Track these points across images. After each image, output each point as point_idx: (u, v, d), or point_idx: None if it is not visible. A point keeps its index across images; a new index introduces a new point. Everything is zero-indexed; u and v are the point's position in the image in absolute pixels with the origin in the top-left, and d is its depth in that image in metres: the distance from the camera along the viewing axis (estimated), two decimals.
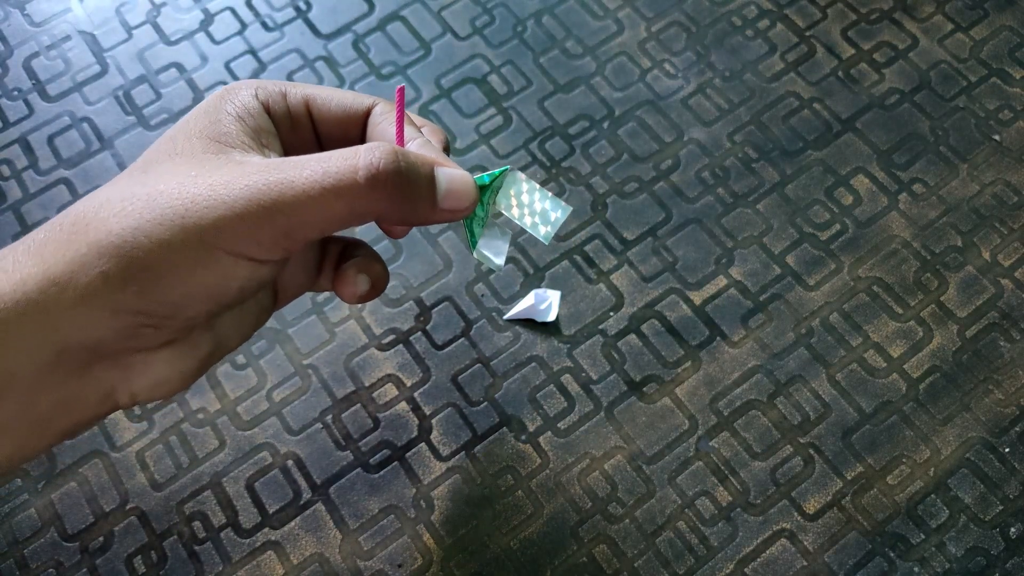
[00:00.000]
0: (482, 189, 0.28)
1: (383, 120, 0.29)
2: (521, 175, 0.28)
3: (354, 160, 0.24)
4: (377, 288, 0.31)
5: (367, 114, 0.30)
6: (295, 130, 0.29)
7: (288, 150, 0.29)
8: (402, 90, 0.28)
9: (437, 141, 0.30)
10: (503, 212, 0.29)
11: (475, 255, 0.29)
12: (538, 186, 0.27)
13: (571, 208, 0.29)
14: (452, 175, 0.26)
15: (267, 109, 0.27)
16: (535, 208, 0.27)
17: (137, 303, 0.22)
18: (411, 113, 0.31)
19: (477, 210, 0.28)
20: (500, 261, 0.29)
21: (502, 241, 0.29)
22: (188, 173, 0.23)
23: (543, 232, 0.28)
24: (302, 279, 0.31)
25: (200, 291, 0.23)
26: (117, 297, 0.22)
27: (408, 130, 0.29)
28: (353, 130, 0.30)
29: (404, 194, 0.24)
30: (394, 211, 0.25)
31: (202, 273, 0.23)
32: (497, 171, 0.28)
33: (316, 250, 0.32)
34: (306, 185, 0.23)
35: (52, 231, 0.23)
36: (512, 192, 0.28)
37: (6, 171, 0.52)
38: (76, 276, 0.22)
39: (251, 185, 0.23)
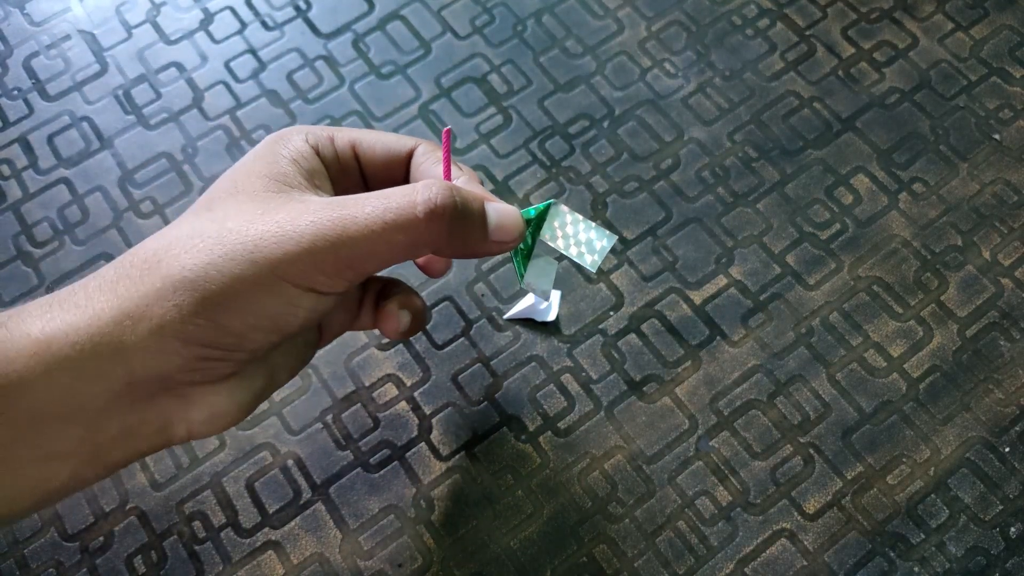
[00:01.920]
0: (528, 222, 0.29)
1: (425, 160, 0.31)
2: (565, 208, 0.29)
3: (413, 196, 0.25)
4: (418, 322, 0.33)
5: (410, 155, 0.32)
6: (343, 172, 0.31)
7: (337, 191, 0.30)
8: (448, 132, 0.31)
9: (475, 181, 0.32)
10: (549, 243, 0.30)
11: (523, 286, 0.31)
12: (582, 217, 0.28)
13: (616, 237, 0.29)
14: (501, 209, 0.28)
15: (317, 153, 0.29)
16: (580, 239, 0.28)
17: (207, 335, 0.23)
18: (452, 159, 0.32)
19: (524, 245, 0.30)
20: (548, 289, 0.30)
21: (549, 271, 0.30)
22: (254, 211, 0.25)
23: (589, 261, 0.28)
24: (343, 317, 0.33)
25: (266, 323, 0.24)
26: (189, 329, 0.23)
27: (453, 170, 0.31)
28: (398, 171, 0.32)
29: (459, 227, 0.26)
30: (449, 244, 0.26)
31: (271, 305, 0.24)
32: (542, 204, 0.29)
33: (357, 289, 0.33)
34: (368, 220, 0.24)
35: (123, 268, 0.25)
36: (557, 224, 0.29)
37: (6, 170, 0.52)
38: (150, 309, 0.24)
39: (316, 221, 0.24)
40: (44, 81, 0.55)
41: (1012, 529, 0.42)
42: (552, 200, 0.29)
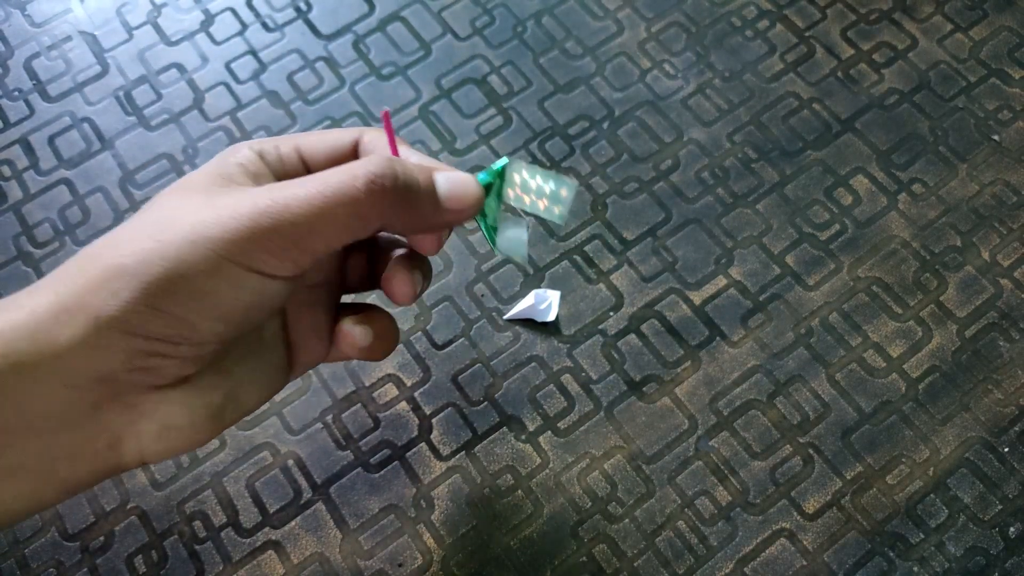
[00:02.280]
0: (488, 188, 0.28)
1: (374, 147, 0.31)
2: (521, 163, 0.28)
3: (353, 170, 0.25)
4: (384, 341, 0.31)
5: (355, 146, 0.31)
6: (290, 176, 0.30)
7: None
8: (387, 114, 0.30)
9: (428, 159, 0.31)
10: (512, 204, 0.29)
11: (498, 252, 0.29)
12: (539, 168, 0.27)
13: (576, 183, 0.28)
14: (453, 177, 0.27)
15: (261, 158, 0.29)
16: (544, 191, 0.27)
17: (148, 323, 0.23)
18: (401, 138, 0.32)
19: (489, 211, 0.29)
20: (524, 252, 0.29)
21: (520, 231, 0.29)
22: (198, 202, 0.24)
23: (557, 212, 0.28)
24: (315, 343, 0.31)
25: (211, 308, 0.24)
26: (128, 317, 0.22)
27: (402, 149, 0.30)
28: (344, 163, 0.31)
29: (404, 198, 0.25)
30: (398, 216, 0.26)
31: (213, 286, 0.23)
32: (497, 165, 0.28)
33: (329, 315, 0.32)
34: (309, 195, 0.24)
35: (66, 266, 0.24)
36: (517, 181, 0.28)
37: (7, 171, 0.52)
38: (87, 299, 0.23)
39: (258, 202, 0.24)
40: (45, 82, 0.55)
41: (1011, 529, 0.42)
42: (506, 158, 0.28)
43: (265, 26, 0.57)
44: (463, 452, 0.44)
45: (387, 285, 0.30)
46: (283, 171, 0.30)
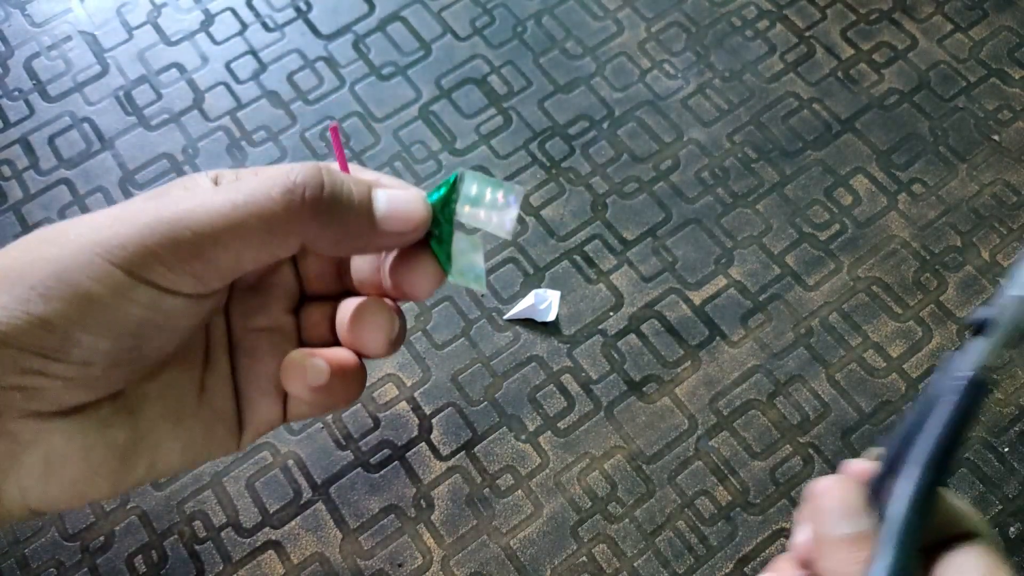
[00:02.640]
0: (443, 206, 0.24)
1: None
2: (474, 174, 0.24)
3: (271, 177, 0.22)
4: (347, 381, 0.25)
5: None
6: None
7: None
8: (335, 128, 0.25)
9: (386, 178, 0.26)
10: (466, 222, 0.25)
11: (453, 280, 0.25)
12: (489, 179, 0.24)
13: (523, 189, 0.24)
14: (395, 195, 0.23)
15: (215, 183, 0.25)
16: (497, 202, 0.24)
17: (22, 332, 0.20)
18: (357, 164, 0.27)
19: (441, 232, 0.25)
20: (481, 274, 0.25)
21: (475, 255, 0.25)
22: (106, 211, 0.22)
23: (507, 225, 0.24)
24: (268, 400, 0.26)
25: (90, 318, 0.21)
26: (3, 327, 0.20)
27: (353, 168, 0.26)
28: None
29: (331, 212, 0.22)
30: (322, 234, 0.22)
31: (95, 292, 0.20)
32: (448, 179, 0.25)
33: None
34: (219, 202, 0.21)
35: None
36: (471, 194, 0.24)
37: (7, 171, 0.52)
38: None
39: (160, 204, 0.21)
40: (45, 82, 0.55)
41: (1011, 529, 0.42)
42: (458, 171, 0.24)
43: (265, 26, 0.57)
44: (463, 452, 0.44)
45: (355, 330, 0.25)
46: None
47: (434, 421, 0.45)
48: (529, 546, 0.42)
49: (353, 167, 0.25)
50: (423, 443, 0.45)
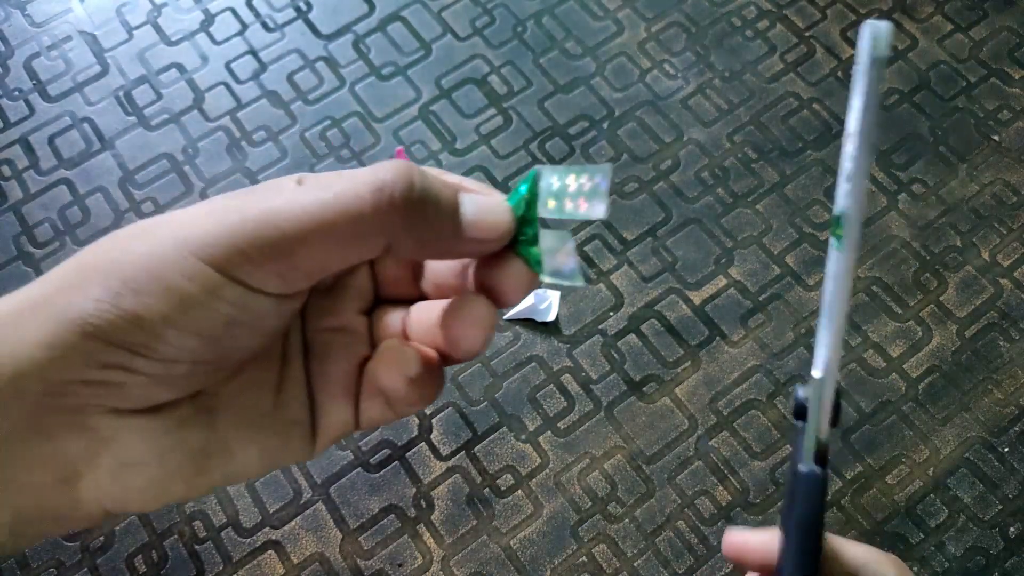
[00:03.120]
0: (526, 208, 0.23)
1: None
2: (549, 168, 0.23)
3: (360, 175, 0.20)
4: (432, 377, 0.22)
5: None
6: None
7: None
8: (401, 151, 0.24)
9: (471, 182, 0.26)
10: (552, 216, 0.23)
11: (547, 279, 0.23)
12: (565, 168, 0.24)
13: (610, 166, 0.22)
14: (482, 201, 0.22)
15: (299, 184, 0.25)
16: (582, 188, 0.24)
17: (109, 324, 0.19)
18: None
19: (528, 234, 0.23)
20: (577, 275, 0.24)
21: (566, 251, 0.23)
22: (195, 207, 0.22)
23: (600, 208, 0.22)
24: (341, 404, 0.25)
25: (179, 315, 0.20)
26: (88, 314, 0.19)
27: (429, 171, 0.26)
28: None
29: (419, 214, 0.21)
30: (409, 237, 0.21)
31: (184, 289, 0.20)
32: (526, 179, 0.23)
33: (352, 372, 0.24)
34: (307, 200, 0.20)
35: (53, 269, 0.21)
36: (553, 188, 0.23)
37: (7, 171, 0.52)
38: (55, 297, 0.20)
39: (247, 202, 0.20)
40: (45, 82, 0.55)
41: (1011, 529, 0.42)
42: (534, 170, 0.25)
43: (265, 26, 0.57)
44: (463, 452, 0.44)
45: (450, 325, 0.23)
46: None
47: (434, 421, 0.45)
48: (529, 546, 0.42)
49: (435, 170, 0.24)
50: (423, 443, 0.45)
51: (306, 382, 0.24)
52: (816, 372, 0.19)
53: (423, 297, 0.25)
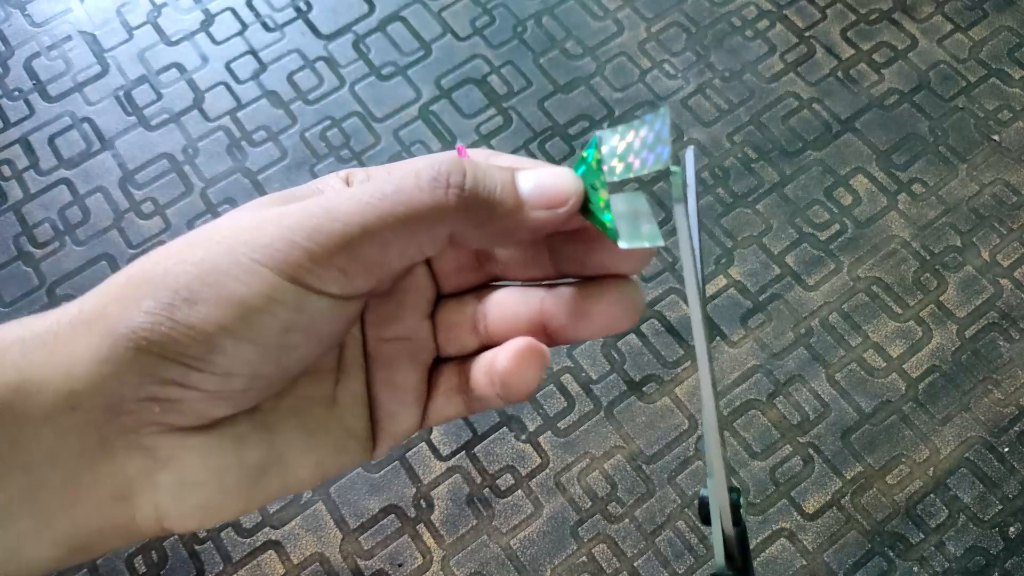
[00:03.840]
0: (593, 175, 0.22)
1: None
2: (608, 130, 0.22)
3: (414, 169, 0.21)
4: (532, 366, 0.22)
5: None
6: None
7: None
8: (461, 148, 0.24)
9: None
10: (621, 177, 0.22)
11: (626, 245, 0.22)
12: (627, 125, 0.21)
13: (666, 110, 0.21)
14: (539, 172, 0.22)
15: (347, 181, 0.25)
16: (647, 141, 0.22)
17: (164, 337, 0.19)
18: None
19: (595, 203, 0.23)
20: (656, 236, 0.21)
21: (641, 213, 0.22)
22: (247, 213, 0.21)
23: (665, 156, 0.21)
24: (404, 408, 0.25)
25: (237, 321, 0.20)
26: (144, 332, 0.19)
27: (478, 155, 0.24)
28: None
29: (476, 198, 0.21)
30: (472, 225, 0.21)
31: (241, 293, 0.20)
32: (589, 147, 0.23)
33: (421, 373, 0.25)
34: (367, 193, 0.20)
35: (106, 280, 0.21)
36: (617, 150, 0.22)
37: (7, 171, 0.52)
38: (108, 310, 0.19)
39: (304, 203, 0.20)
40: (45, 82, 0.55)
41: (1011, 529, 0.42)
42: (595, 136, 0.22)
43: (265, 26, 0.57)
44: (463, 452, 0.44)
45: (587, 314, 0.22)
46: None
47: None
48: (529, 546, 0.42)
49: (485, 152, 0.23)
50: (423, 443, 0.45)
51: (365, 391, 0.24)
52: (714, 481, 0.19)
53: (489, 282, 0.24)
